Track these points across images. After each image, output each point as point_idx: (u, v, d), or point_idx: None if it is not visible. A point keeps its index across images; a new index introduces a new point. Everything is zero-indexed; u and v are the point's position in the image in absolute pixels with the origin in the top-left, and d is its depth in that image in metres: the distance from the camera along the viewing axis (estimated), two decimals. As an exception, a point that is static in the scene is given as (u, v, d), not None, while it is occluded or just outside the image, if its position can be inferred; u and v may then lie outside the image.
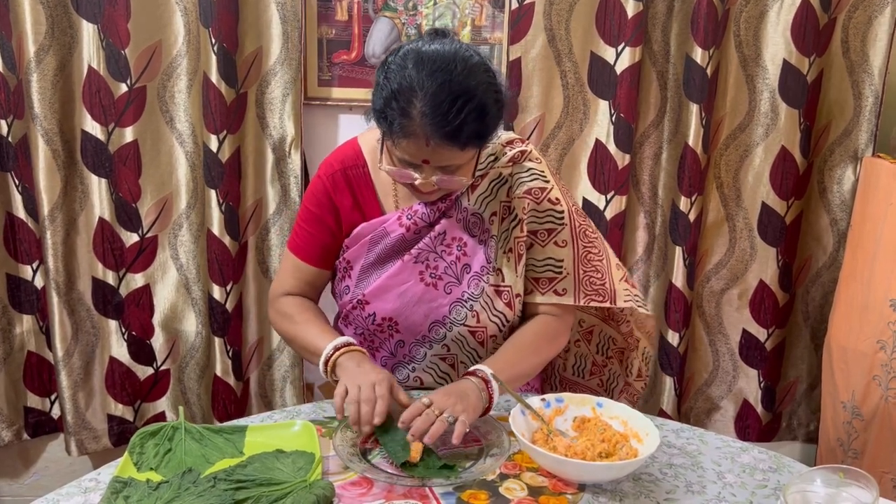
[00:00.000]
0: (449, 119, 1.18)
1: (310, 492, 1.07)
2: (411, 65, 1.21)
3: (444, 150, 1.22)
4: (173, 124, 2.16)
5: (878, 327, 2.01)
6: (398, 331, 1.45)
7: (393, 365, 1.50)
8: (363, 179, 1.44)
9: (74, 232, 2.16)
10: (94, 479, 1.15)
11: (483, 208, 1.41)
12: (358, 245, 1.43)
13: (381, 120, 1.24)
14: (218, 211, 2.14)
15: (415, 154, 1.24)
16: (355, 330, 1.50)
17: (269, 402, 2.38)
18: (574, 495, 1.14)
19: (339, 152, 1.46)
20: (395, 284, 1.41)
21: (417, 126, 1.19)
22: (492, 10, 2.19)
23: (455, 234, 1.41)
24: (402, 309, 1.42)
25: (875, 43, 2.19)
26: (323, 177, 1.44)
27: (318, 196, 1.45)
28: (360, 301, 1.44)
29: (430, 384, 1.49)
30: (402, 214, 1.41)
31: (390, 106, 1.21)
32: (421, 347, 1.46)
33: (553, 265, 1.44)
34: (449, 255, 1.41)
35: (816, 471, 1.04)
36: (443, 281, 1.42)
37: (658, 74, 2.23)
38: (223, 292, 2.19)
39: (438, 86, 1.18)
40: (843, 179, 2.29)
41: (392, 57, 1.25)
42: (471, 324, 1.42)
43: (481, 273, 1.41)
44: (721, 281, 2.38)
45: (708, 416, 2.49)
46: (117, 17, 2.05)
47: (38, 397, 2.31)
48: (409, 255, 1.41)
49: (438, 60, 1.20)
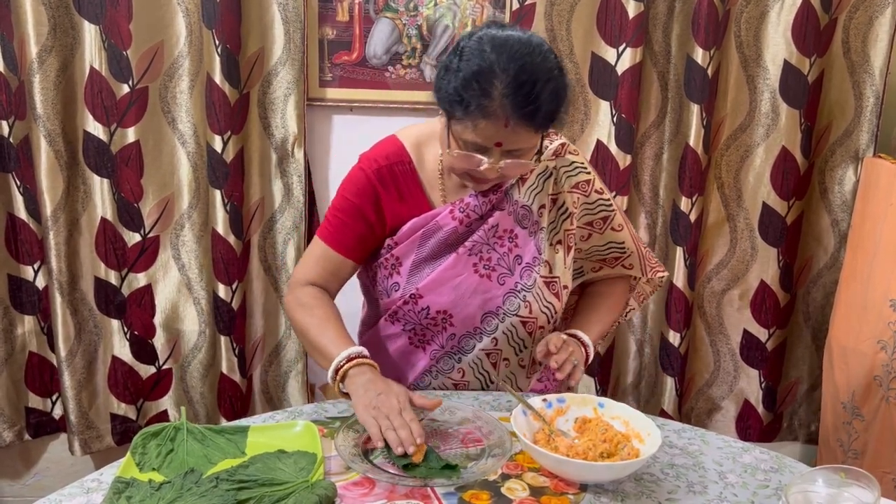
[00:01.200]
0: (530, 99, 1.22)
1: (312, 492, 1.08)
2: (489, 48, 1.24)
3: (521, 130, 1.25)
4: (175, 125, 2.16)
5: (879, 327, 2.01)
6: (452, 324, 1.45)
7: (441, 356, 1.49)
8: (409, 175, 1.44)
9: (77, 232, 2.17)
10: (97, 480, 1.15)
11: (532, 201, 1.44)
12: (408, 241, 1.44)
13: (456, 103, 1.25)
14: (223, 211, 2.15)
15: (491, 136, 1.26)
16: (404, 326, 1.48)
17: (272, 398, 2.39)
18: (576, 495, 1.14)
19: (380, 148, 1.46)
20: (450, 277, 1.42)
21: (498, 106, 1.22)
22: (492, 10, 2.19)
23: (507, 227, 1.44)
24: (458, 301, 1.43)
25: (876, 43, 2.19)
26: (367, 170, 1.43)
27: (360, 187, 1.43)
28: (412, 296, 1.44)
29: (469, 379, 1.50)
30: (454, 208, 1.42)
31: (470, 87, 1.23)
32: (471, 339, 1.47)
33: (616, 247, 1.55)
34: (501, 246, 1.44)
35: (818, 471, 1.04)
36: (496, 272, 1.44)
37: (659, 75, 2.23)
38: (229, 291, 2.20)
39: (519, 67, 1.22)
40: (844, 180, 2.29)
41: (465, 41, 1.28)
42: (523, 314, 1.44)
43: (533, 264, 1.44)
44: (722, 281, 2.38)
45: (709, 417, 2.50)
46: (119, 18, 2.05)
47: (40, 398, 2.32)
48: (463, 248, 1.42)
49: (516, 45, 1.24)
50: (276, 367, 2.37)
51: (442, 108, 1.31)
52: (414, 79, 2.22)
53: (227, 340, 2.24)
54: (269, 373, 2.37)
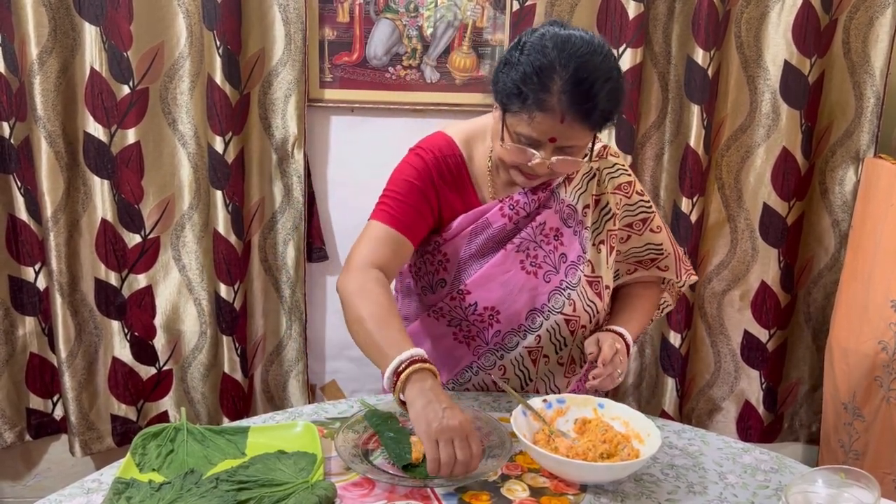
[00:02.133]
0: (588, 97, 1.24)
1: (312, 492, 1.08)
2: (551, 45, 1.26)
3: (577, 126, 1.27)
4: (175, 126, 2.16)
5: (880, 328, 2.01)
6: (498, 321, 1.46)
7: (484, 352, 1.49)
8: (461, 169, 1.45)
9: (77, 233, 2.17)
10: (97, 480, 1.16)
11: (577, 200, 1.46)
12: (457, 237, 1.45)
13: (514, 95, 1.27)
14: (224, 211, 2.15)
15: (545, 130, 1.27)
16: (449, 322, 1.48)
17: (272, 398, 2.39)
18: (576, 496, 1.14)
19: (431, 142, 1.45)
20: (499, 273, 1.44)
21: (555, 101, 1.24)
22: (493, 11, 2.19)
23: (553, 225, 1.45)
24: (506, 297, 1.44)
25: (876, 44, 2.19)
26: (426, 157, 1.42)
27: (421, 171, 1.41)
28: (459, 291, 1.45)
29: (510, 376, 1.50)
30: (504, 205, 1.43)
31: (529, 81, 1.25)
32: (515, 336, 1.47)
33: (653, 248, 1.56)
34: (547, 244, 1.45)
35: (818, 471, 1.04)
36: (542, 269, 1.45)
37: (659, 76, 2.23)
38: (231, 291, 2.20)
39: (580, 65, 1.24)
40: (845, 180, 2.29)
41: (528, 37, 1.30)
42: (567, 312, 1.45)
43: (577, 262, 1.46)
44: (722, 282, 2.38)
45: (709, 417, 2.49)
46: (119, 19, 2.06)
47: (41, 399, 2.32)
48: (511, 245, 1.44)
49: (579, 43, 1.26)
50: (277, 367, 2.37)
51: (498, 102, 1.33)
52: (414, 80, 2.22)
53: (230, 340, 2.25)
54: (270, 372, 2.37)
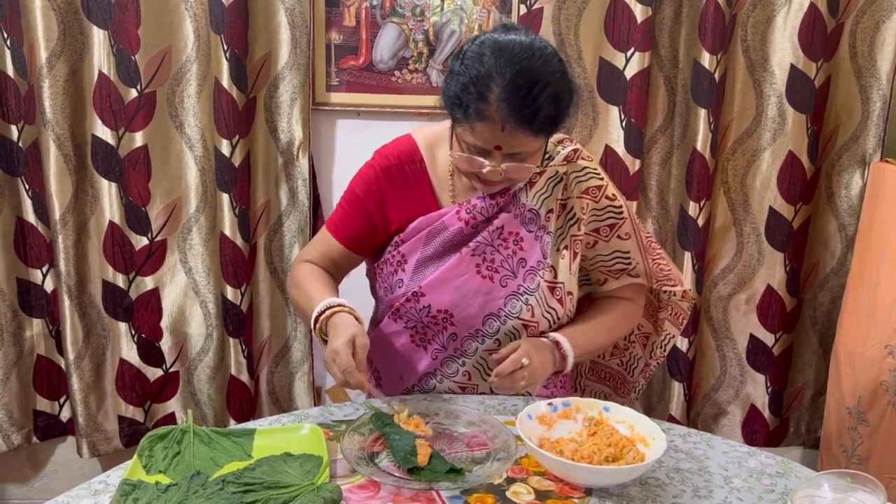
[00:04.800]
0: (526, 104, 1.23)
1: (317, 495, 1.08)
2: (489, 52, 1.26)
3: (519, 134, 1.26)
4: (182, 129, 2.17)
5: (886, 332, 2.01)
6: (452, 323, 1.46)
7: (444, 358, 1.50)
8: (420, 175, 1.46)
9: (85, 236, 2.18)
10: (104, 482, 1.16)
11: (540, 205, 1.44)
12: (415, 239, 1.45)
13: (456, 106, 1.28)
14: (231, 214, 2.16)
15: (489, 139, 1.27)
16: (406, 323, 1.50)
17: (278, 399, 2.39)
18: (581, 499, 1.14)
19: (394, 146, 1.49)
20: (453, 277, 1.44)
21: (494, 110, 1.24)
22: (499, 15, 2.19)
23: (512, 229, 1.44)
24: (460, 301, 1.44)
25: (883, 48, 2.18)
26: (377, 166, 1.47)
27: (367, 182, 1.48)
28: (415, 293, 1.45)
29: (476, 381, 1.51)
30: (461, 209, 1.44)
31: (468, 91, 1.25)
32: (473, 341, 1.47)
33: (621, 257, 1.51)
34: (505, 248, 1.44)
35: (824, 475, 1.04)
36: (499, 274, 1.44)
37: (665, 79, 2.23)
38: (237, 293, 2.21)
39: (516, 72, 1.23)
40: (851, 184, 2.29)
41: (468, 45, 1.30)
42: (525, 317, 1.45)
43: (537, 268, 1.44)
44: (728, 286, 2.38)
45: (715, 422, 2.49)
46: (127, 23, 2.07)
47: (48, 401, 2.33)
48: (466, 248, 1.44)
49: (516, 49, 1.25)
50: (283, 369, 2.37)
51: (447, 111, 1.33)
52: (420, 83, 2.23)
53: (237, 342, 2.25)
54: (276, 375, 2.38)
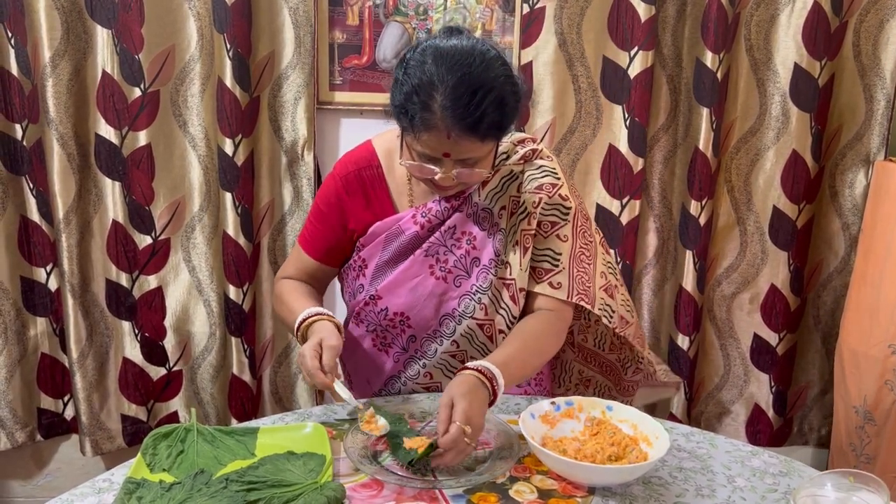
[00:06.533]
0: (469, 111, 1.21)
1: (321, 493, 1.08)
2: (430, 60, 1.24)
3: (465, 141, 1.24)
4: (186, 128, 2.18)
5: (890, 331, 2.00)
6: (410, 325, 1.47)
7: (405, 360, 1.52)
8: (377, 180, 1.47)
9: (89, 234, 2.18)
10: (108, 480, 1.17)
11: (493, 203, 1.44)
12: (373, 244, 1.46)
13: (402, 115, 1.26)
14: (234, 213, 2.16)
15: (436, 147, 1.26)
16: (367, 327, 1.52)
17: (281, 399, 2.40)
18: (584, 498, 1.14)
19: (353, 153, 1.50)
20: (407, 279, 1.44)
21: (438, 119, 1.22)
22: (502, 13, 2.19)
23: (465, 229, 1.44)
24: (414, 303, 1.45)
25: (886, 46, 2.18)
26: (336, 177, 1.48)
27: (327, 195, 1.49)
28: (372, 297, 1.47)
29: (439, 380, 1.51)
30: (417, 213, 1.44)
31: (411, 101, 1.23)
32: (432, 343, 1.48)
33: (551, 257, 1.44)
34: (458, 248, 1.44)
35: (827, 475, 1.04)
36: (452, 274, 1.44)
37: (668, 78, 2.23)
38: (240, 293, 2.21)
39: (458, 79, 1.21)
40: (855, 183, 2.28)
41: (410, 53, 1.28)
42: (479, 317, 1.44)
43: (490, 266, 1.44)
44: (732, 285, 2.37)
45: (719, 421, 2.49)
46: (131, 22, 2.07)
47: (52, 399, 2.33)
48: (420, 250, 1.44)
49: (457, 55, 1.24)
50: (286, 368, 2.38)
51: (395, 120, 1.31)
52: (423, 82, 2.22)
53: (239, 342, 2.25)
54: (279, 374, 2.38)
